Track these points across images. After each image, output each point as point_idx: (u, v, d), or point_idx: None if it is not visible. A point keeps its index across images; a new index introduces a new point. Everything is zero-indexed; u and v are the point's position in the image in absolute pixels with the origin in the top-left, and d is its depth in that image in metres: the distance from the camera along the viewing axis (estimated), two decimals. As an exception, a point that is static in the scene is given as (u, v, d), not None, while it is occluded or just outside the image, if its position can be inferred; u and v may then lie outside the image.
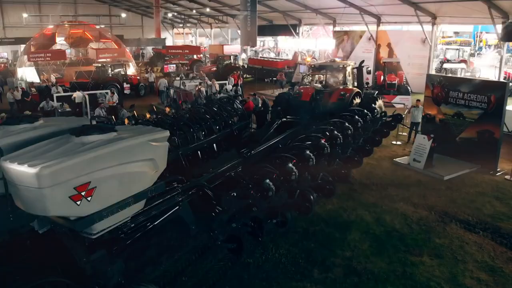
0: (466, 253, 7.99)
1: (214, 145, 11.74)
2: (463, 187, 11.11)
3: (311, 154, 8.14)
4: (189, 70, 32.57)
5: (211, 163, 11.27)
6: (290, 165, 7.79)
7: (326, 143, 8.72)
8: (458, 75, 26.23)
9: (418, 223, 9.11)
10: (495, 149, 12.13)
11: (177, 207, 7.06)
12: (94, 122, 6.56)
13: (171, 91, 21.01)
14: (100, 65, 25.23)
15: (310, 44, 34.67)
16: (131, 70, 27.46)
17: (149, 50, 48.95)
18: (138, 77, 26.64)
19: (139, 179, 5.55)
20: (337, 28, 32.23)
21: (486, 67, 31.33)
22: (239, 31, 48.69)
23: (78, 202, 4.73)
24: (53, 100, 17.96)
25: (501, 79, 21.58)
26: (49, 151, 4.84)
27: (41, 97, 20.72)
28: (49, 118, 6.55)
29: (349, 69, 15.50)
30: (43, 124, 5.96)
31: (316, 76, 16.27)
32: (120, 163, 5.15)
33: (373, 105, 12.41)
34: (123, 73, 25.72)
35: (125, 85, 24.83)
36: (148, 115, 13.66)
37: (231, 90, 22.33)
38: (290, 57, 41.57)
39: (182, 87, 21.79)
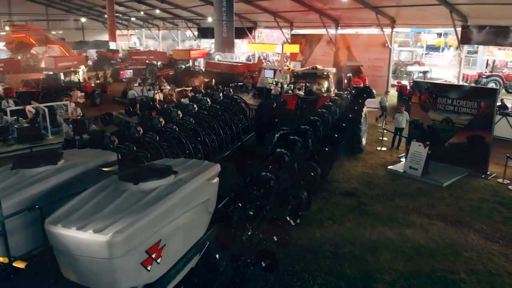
0: (497, 265, 7.91)
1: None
2: (464, 193, 11.21)
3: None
4: (144, 75, 30.73)
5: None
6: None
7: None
8: (415, 77, 27.15)
9: (439, 236, 8.94)
10: (485, 153, 12.41)
11: (208, 242, 6.26)
12: (115, 155, 5.50)
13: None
14: (51, 72, 22.92)
15: (270, 47, 33.85)
16: (80, 76, 25.29)
17: (91, 53, 45.96)
18: (93, 85, 24.54)
19: (198, 225, 4.78)
20: (294, 31, 32.16)
21: (437, 68, 32.95)
22: (186, 33, 47.41)
23: (149, 267, 3.85)
24: (6, 115, 15.86)
25: (461, 81, 22.58)
26: (105, 207, 3.88)
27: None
28: (70, 153, 5.40)
29: (331, 76, 15.27)
30: (66, 164, 4.91)
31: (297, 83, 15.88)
32: (185, 211, 4.34)
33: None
34: (77, 80, 23.59)
35: (79, 94, 22.79)
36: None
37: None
38: (243, 60, 40.95)
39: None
